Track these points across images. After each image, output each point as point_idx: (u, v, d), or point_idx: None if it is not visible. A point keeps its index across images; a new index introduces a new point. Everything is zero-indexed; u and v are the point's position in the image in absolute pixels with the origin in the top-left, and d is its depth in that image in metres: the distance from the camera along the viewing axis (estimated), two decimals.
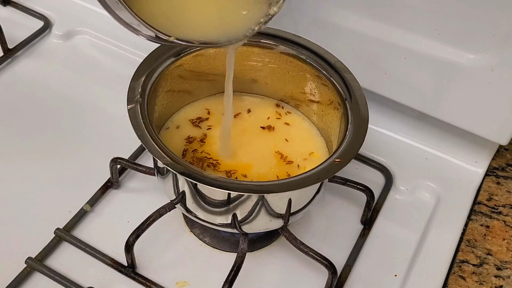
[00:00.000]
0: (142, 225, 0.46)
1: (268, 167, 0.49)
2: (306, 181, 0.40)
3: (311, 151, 0.50)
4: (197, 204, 0.44)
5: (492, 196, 0.57)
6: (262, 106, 0.54)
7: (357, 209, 0.54)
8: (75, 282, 0.46)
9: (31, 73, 0.64)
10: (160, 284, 0.47)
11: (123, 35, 0.69)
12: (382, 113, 0.60)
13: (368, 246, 0.52)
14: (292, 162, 0.49)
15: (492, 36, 0.48)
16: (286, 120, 0.53)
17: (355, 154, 0.42)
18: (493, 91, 0.51)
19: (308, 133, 0.52)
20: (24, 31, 0.67)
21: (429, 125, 0.59)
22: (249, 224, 0.44)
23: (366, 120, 0.45)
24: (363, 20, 0.54)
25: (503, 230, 0.54)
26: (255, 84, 0.54)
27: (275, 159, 0.49)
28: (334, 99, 0.49)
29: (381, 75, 0.56)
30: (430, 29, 0.51)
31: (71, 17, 0.70)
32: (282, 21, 0.56)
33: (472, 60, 0.51)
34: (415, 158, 0.59)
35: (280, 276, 0.49)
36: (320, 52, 0.50)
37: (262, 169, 0.48)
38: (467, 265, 0.51)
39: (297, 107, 0.54)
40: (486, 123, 0.54)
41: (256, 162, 0.49)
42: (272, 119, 0.53)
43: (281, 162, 0.49)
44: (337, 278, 0.47)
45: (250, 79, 0.54)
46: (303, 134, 0.52)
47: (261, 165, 0.49)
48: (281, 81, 0.53)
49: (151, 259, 0.49)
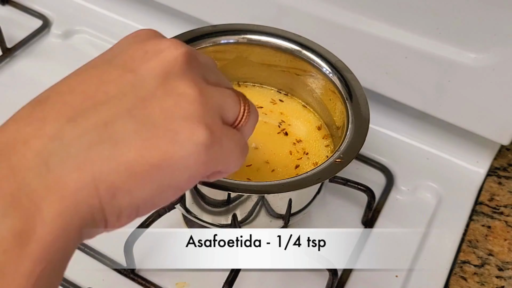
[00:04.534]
0: (142, 225, 0.46)
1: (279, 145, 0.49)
2: (307, 181, 0.40)
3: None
4: (196, 205, 0.44)
5: (493, 196, 0.56)
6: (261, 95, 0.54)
7: (358, 209, 0.54)
8: (74, 283, 0.46)
9: (30, 73, 0.64)
10: (160, 285, 0.47)
11: (123, 34, 0.69)
12: (383, 113, 0.59)
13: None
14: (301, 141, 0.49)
15: (493, 35, 0.48)
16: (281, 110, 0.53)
17: (356, 154, 0.42)
18: (494, 91, 0.51)
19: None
20: (23, 30, 0.67)
21: (430, 125, 0.58)
22: (249, 224, 0.44)
23: (367, 120, 0.45)
24: (364, 19, 0.53)
25: (505, 231, 0.53)
26: (254, 82, 0.54)
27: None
28: (334, 98, 0.48)
29: (382, 74, 0.56)
30: (431, 28, 0.51)
31: (70, 16, 0.70)
32: (283, 20, 0.56)
33: (473, 59, 0.50)
34: (416, 158, 0.59)
35: (280, 277, 0.49)
36: (321, 52, 0.49)
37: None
38: (468, 265, 0.51)
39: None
40: (488, 122, 0.53)
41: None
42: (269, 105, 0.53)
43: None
44: (337, 279, 0.47)
45: (250, 77, 0.53)
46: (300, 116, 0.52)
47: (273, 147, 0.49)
48: (281, 81, 0.53)
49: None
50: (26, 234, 0.21)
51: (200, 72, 0.27)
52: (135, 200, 0.24)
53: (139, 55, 0.26)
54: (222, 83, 0.29)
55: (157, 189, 0.24)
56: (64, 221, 0.22)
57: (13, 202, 0.21)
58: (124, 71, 0.26)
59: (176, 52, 0.26)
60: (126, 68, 0.26)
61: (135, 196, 0.24)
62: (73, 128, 0.23)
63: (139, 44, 0.27)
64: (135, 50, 0.27)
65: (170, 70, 0.26)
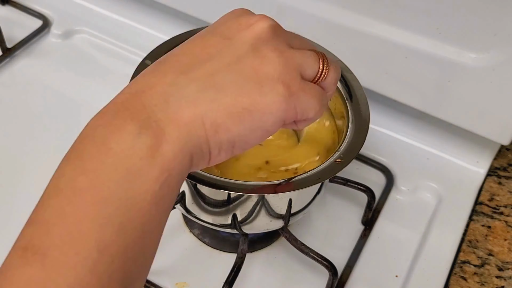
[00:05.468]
0: None
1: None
2: (307, 181, 0.40)
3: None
4: (196, 205, 0.44)
5: (493, 196, 0.56)
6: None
7: (358, 210, 0.54)
8: None
9: (29, 73, 0.64)
10: (160, 285, 0.47)
11: (123, 34, 0.69)
12: (383, 113, 0.59)
13: (369, 247, 0.51)
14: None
15: (494, 35, 0.48)
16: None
17: (356, 154, 0.42)
18: (494, 91, 0.51)
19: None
20: (23, 30, 0.67)
21: (430, 125, 0.58)
22: (249, 224, 0.44)
23: (367, 120, 0.45)
24: (364, 19, 0.53)
25: (505, 231, 0.53)
26: None
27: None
28: (334, 98, 0.48)
29: (382, 74, 0.56)
30: (431, 28, 0.51)
31: (70, 16, 0.70)
32: (282, 21, 0.56)
33: (473, 59, 0.50)
34: (416, 158, 0.59)
35: (280, 277, 0.49)
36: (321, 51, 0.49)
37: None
38: (468, 265, 0.51)
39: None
40: (488, 122, 0.53)
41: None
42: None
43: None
44: (337, 279, 0.47)
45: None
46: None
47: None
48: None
49: None
50: (156, 148, 0.28)
51: (284, 39, 0.33)
52: (232, 137, 0.30)
53: (235, 26, 0.33)
54: (305, 47, 0.35)
55: (249, 129, 0.31)
56: (180, 143, 0.29)
57: (146, 125, 0.28)
58: (223, 38, 0.32)
59: (264, 24, 0.33)
60: (224, 36, 0.32)
61: (232, 133, 0.30)
62: (185, 77, 0.30)
63: (235, 18, 0.34)
64: (231, 23, 0.33)
65: (258, 38, 0.32)
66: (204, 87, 0.30)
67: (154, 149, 0.28)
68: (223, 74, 0.31)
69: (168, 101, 0.29)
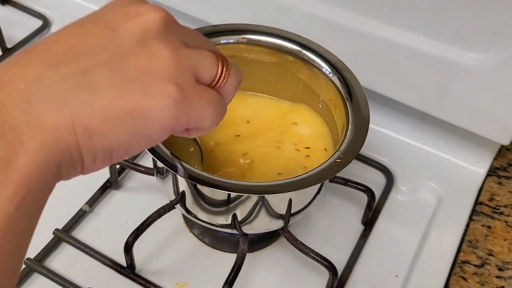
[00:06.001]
0: (142, 225, 0.46)
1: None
2: (307, 181, 0.40)
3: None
4: (197, 205, 0.44)
5: (493, 196, 0.56)
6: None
7: (358, 210, 0.54)
8: (74, 283, 0.46)
9: None
10: (160, 285, 0.47)
11: None
12: (383, 113, 0.59)
13: (369, 247, 0.51)
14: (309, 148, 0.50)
15: (493, 35, 0.48)
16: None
17: (356, 154, 0.42)
18: (494, 91, 0.51)
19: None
20: (23, 30, 0.67)
21: (430, 125, 0.58)
22: (249, 224, 0.44)
23: (367, 120, 0.45)
24: (364, 19, 0.53)
25: (505, 231, 0.53)
26: (254, 82, 0.54)
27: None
28: (335, 98, 0.48)
29: (382, 74, 0.56)
30: (431, 28, 0.51)
31: (70, 16, 0.69)
32: (283, 20, 0.56)
33: (473, 59, 0.50)
34: (416, 158, 0.59)
35: (280, 277, 0.49)
36: (321, 52, 0.49)
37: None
38: (468, 265, 0.51)
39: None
40: (488, 122, 0.53)
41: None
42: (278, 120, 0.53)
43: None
44: (337, 279, 0.47)
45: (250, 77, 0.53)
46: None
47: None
48: (281, 80, 0.53)
49: (150, 260, 0.49)
50: (9, 161, 0.23)
51: (178, 36, 0.29)
52: (110, 144, 0.26)
53: (121, 16, 0.28)
54: (202, 46, 0.31)
55: (130, 136, 0.27)
56: (44, 153, 0.24)
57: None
58: (106, 28, 0.28)
59: (155, 15, 0.28)
60: (107, 26, 0.28)
61: (110, 140, 0.26)
62: (54, 73, 0.25)
63: (122, 7, 0.29)
64: (118, 12, 0.29)
65: (147, 31, 0.28)
66: (76, 85, 0.25)
67: (8, 163, 0.23)
68: (101, 71, 0.26)
69: (30, 101, 0.24)
